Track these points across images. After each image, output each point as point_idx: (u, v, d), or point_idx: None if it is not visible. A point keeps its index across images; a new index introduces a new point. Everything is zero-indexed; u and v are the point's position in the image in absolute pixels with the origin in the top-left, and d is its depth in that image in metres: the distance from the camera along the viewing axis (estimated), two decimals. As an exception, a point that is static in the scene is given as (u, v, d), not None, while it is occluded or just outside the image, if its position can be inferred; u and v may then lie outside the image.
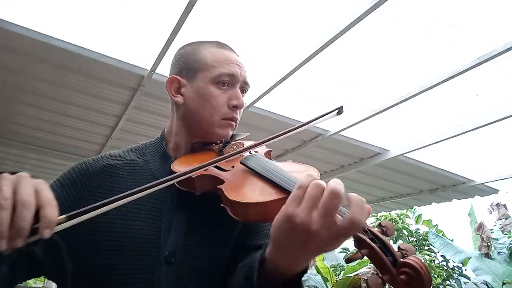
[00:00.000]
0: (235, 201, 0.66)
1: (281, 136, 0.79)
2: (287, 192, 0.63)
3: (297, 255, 0.58)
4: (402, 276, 0.52)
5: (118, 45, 2.45)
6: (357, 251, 0.56)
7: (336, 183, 0.55)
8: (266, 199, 0.65)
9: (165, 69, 2.55)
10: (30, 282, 9.32)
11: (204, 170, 0.77)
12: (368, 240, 0.55)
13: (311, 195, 0.55)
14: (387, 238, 0.57)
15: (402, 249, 0.55)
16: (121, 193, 0.79)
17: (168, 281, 0.75)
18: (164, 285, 0.75)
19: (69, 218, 0.55)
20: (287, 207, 0.56)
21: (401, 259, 0.54)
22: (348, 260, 0.55)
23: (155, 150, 0.93)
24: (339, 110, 0.82)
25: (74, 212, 0.56)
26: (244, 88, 0.94)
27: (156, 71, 2.54)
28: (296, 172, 0.70)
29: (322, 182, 0.56)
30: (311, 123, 0.82)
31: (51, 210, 0.53)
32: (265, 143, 0.79)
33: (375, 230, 0.58)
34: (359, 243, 0.56)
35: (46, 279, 10.39)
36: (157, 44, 2.32)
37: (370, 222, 8.19)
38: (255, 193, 0.69)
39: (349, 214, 0.54)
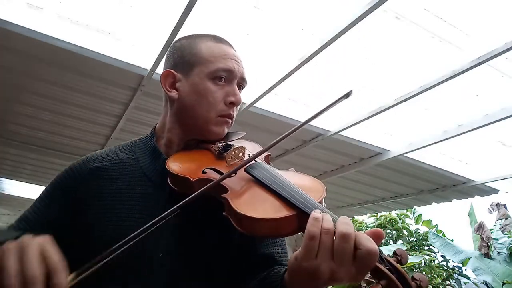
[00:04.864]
0: (243, 215, 0.62)
1: (287, 136, 0.75)
2: (297, 209, 0.62)
3: None
4: None
5: (118, 45, 2.44)
6: (376, 282, 0.55)
7: (344, 224, 0.56)
8: (277, 216, 0.61)
9: (165, 69, 2.55)
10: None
11: (203, 173, 0.74)
12: (386, 271, 0.55)
13: (325, 246, 0.55)
14: (402, 266, 0.58)
15: (416, 280, 0.55)
16: (110, 194, 0.80)
17: (160, 283, 0.73)
18: (157, 286, 0.73)
19: (78, 275, 0.56)
20: (306, 260, 0.56)
21: None
22: None
23: (145, 147, 0.90)
24: (348, 94, 0.77)
25: (81, 269, 0.57)
26: (241, 84, 0.90)
27: (156, 71, 2.54)
28: (301, 185, 0.68)
29: (330, 226, 0.56)
30: (323, 112, 0.76)
31: (61, 275, 0.54)
32: (270, 148, 0.75)
33: (391, 259, 0.58)
34: (376, 273, 0.56)
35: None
36: (157, 44, 2.31)
37: (371, 222, 8.19)
38: (265, 208, 0.65)
39: (364, 248, 0.54)
